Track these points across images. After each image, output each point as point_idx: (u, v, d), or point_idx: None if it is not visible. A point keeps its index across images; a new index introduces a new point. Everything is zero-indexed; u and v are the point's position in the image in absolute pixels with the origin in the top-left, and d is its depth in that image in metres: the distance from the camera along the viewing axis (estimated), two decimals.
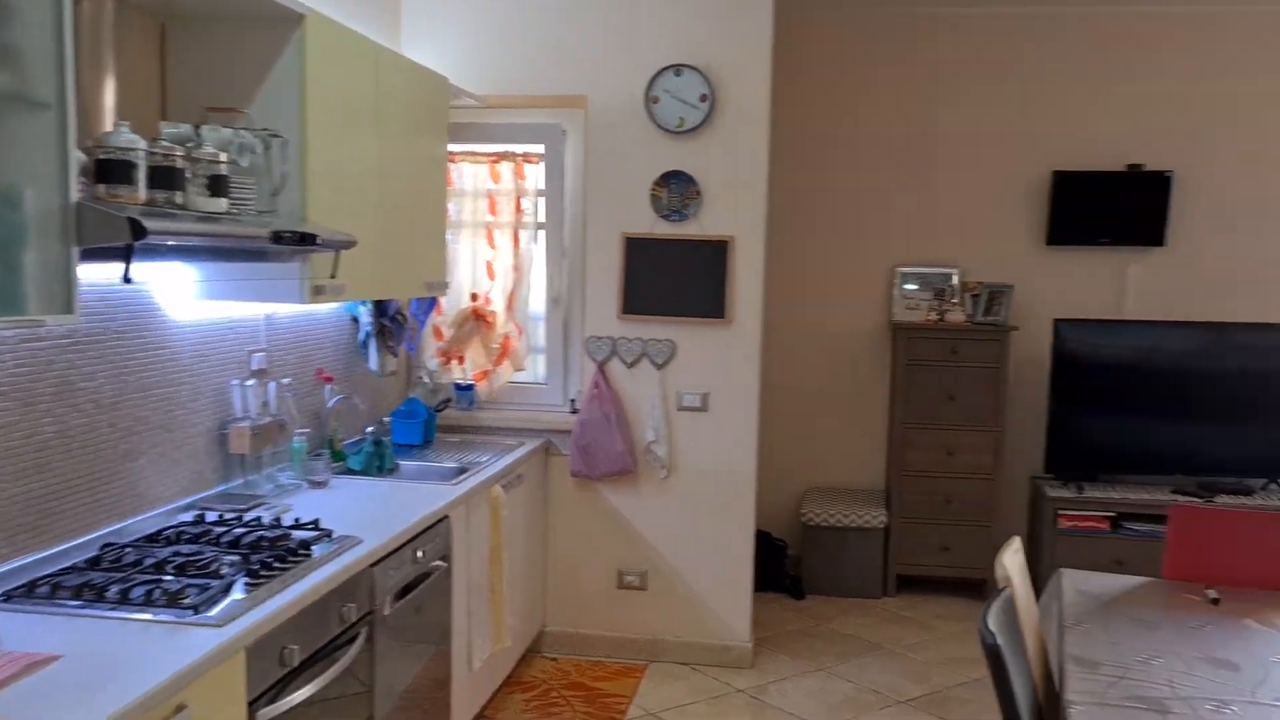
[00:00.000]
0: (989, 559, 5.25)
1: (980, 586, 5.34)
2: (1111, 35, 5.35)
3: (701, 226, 4.27)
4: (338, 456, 3.65)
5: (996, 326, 5.24)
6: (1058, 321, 5.20)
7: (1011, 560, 2.54)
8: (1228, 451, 5.21)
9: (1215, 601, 2.86)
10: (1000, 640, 2.03)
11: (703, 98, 4.20)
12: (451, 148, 4.24)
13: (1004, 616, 2.22)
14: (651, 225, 4.30)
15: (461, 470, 3.68)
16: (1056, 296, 5.48)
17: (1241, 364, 5.16)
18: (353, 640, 2.59)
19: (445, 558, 3.24)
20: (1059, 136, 5.43)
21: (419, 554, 3.02)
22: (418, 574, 3.02)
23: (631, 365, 4.37)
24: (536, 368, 4.56)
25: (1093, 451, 5.27)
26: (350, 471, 3.60)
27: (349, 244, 2.88)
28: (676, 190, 4.27)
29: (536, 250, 4.46)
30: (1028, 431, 5.48)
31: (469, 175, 4.42)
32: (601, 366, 4.37)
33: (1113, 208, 5.38)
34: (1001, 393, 5.21)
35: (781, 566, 5.44)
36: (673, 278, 4.30)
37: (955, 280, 5.49)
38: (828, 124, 5.60)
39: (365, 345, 3.99)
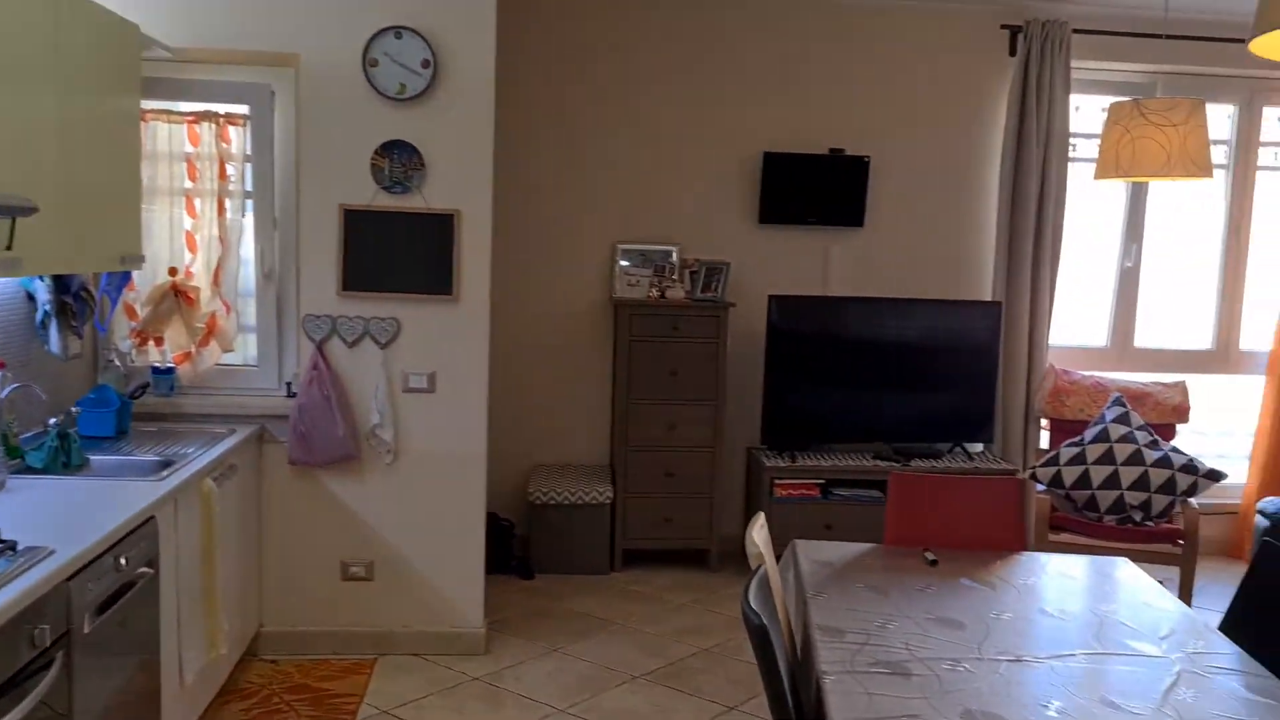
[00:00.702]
0: (710, 530, 5.43)
1: (703, 556, 5.49)
2: (816, 26, 5.60)
3: (426, 199, 4.08)
4: (13, 453, 3.19)
5: (715, 303, 5.38)
6: (771, 297, 5.41)
7: (760, 536, 2.58)
8: (919, 418, 5.63)
9: (934, 563, 3.05)
10: (765, 619, 2.04)
11: (425, 63, 4.00)
12: (143, 105, 3.80)
13: (761, 594, 2.24)
14: (373, 197, 4.06)
15: (165, 464, 3.33)
16: (770, 273, 5.70)
17: (927, 337, 5.58)
18: (48, 666, 2.25)
19: (152, 563, 2.91)
20: (770, 120, 5.63)
21: (122, 561, 2.68)
22: (121, 584, 2.69)
23: (353, 345, 4.12)
24: (247, 348, 4.21)
25: (804, 422, 5.54)
26: (31, 470, 3.16)
27: (25, 209, 2.49)
28: (399, 161, 4.05)
29: (246, 221, 4.10)
30: (746, 404, 5.68)
31: (164, 136, 3.99)
32: (320, 347, 4.09)
33: (818, 189, 5.65)
34: (721, 367, 5.35)
35: (509, 547, 5.36)
36: (396, 253, 4.08)
37: (674, 257, 5.58)
38: (552, 98, 5.52)
39: (44, 326, 3.51)
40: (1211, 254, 6.07)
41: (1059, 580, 2.95)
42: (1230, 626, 2.67)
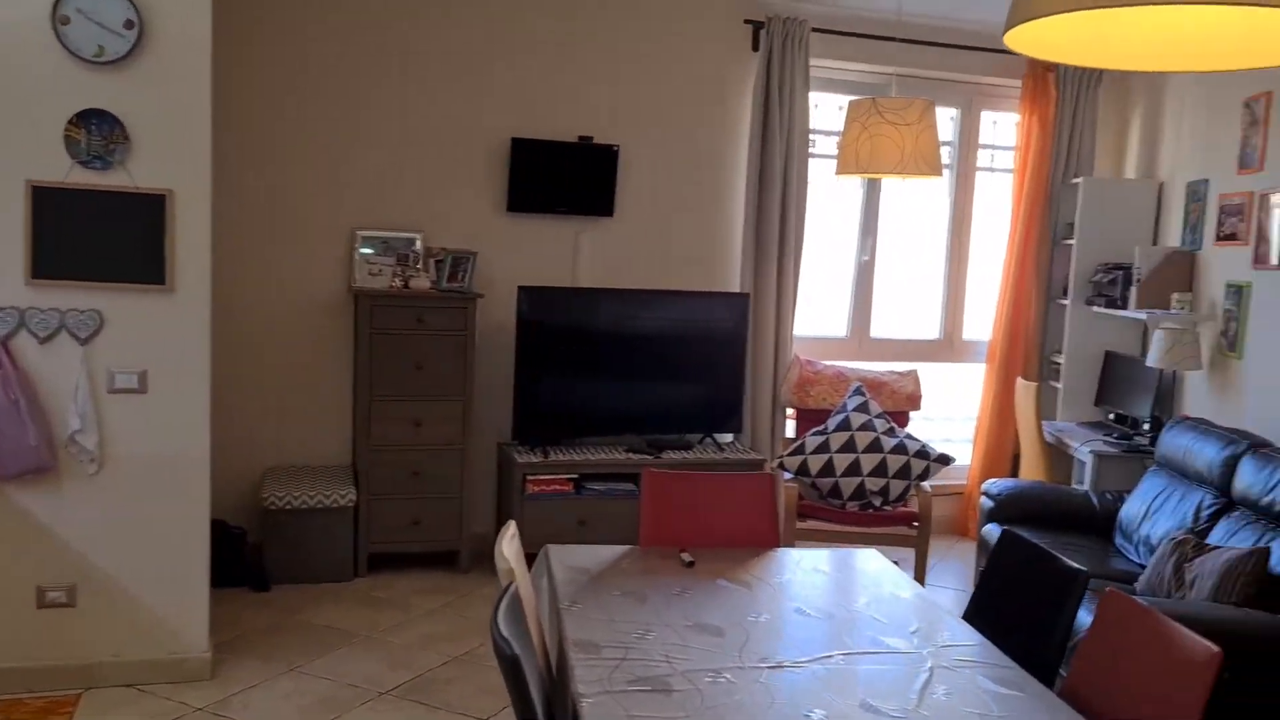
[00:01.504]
0: (461, 530, 5.20)
1: (453, 558, 5.25)
2: (565, 10, 5.45)
3: (132, 177, 3.63)
4: None
5: (462, 294, 5.14)
6: (521, 288, 5.23)
7: (510, 549, 2.40)
8: (670, 410, 5.62)
9: (690, 564, 2.97)
10: (517, 647, 1.86)
11: (128, 24, 3.56)
12: None
13: (513, 615, 2.06)
14: (67, 173, 3.57)
15: None
16: (519, 263, 5.52)
17: (678, 328, 5.57)
18: None
19: None
20: (519, 105, 5.44)
21: None
22: None
23: (46, 341, 3.62)
24: None
25: (557, 416, 5.40)
26: None
27: None
28: (98, 133, 3.59)
29: None
30: (496, 399, 5.48)
31: None
32: (5, 343, 3.57)
33: (567, 178, 5.52)
34: (469, 361, 5.13)
35: (241, 557, 4.92)
36: (98, 236, 3.62)
37: (419, 246, 5.30)
38: (284, 69, 5.11)
39: None
40: (938, 249, 6.39)
41: (812, 576, 2.94)
42: (973, 614, 2.73)
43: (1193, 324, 5.27)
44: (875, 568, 3.04)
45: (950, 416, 6.85)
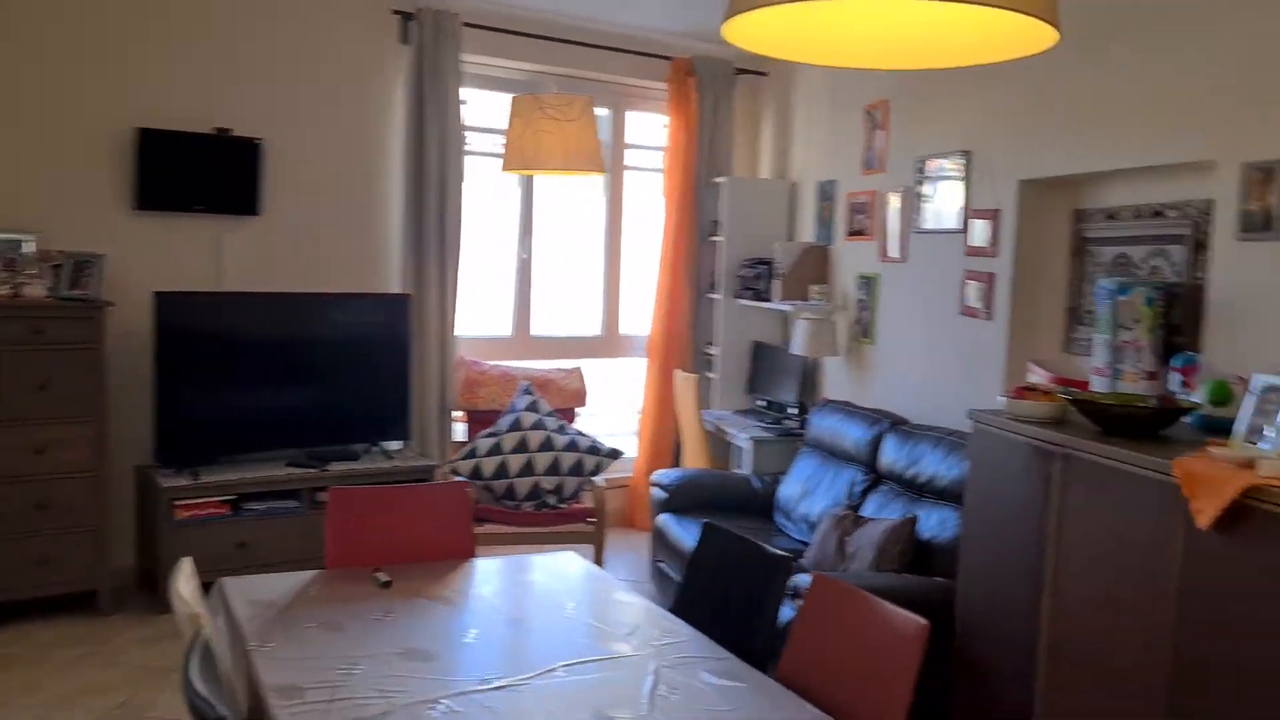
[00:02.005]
0: (99, 567, 4.60)
1: (92, 599, 4.65)
2: None
3: None
4: None
5: (87, 302, 4.56)
6: (158, 295, 4.72)
7: (188, 589, 2.11)
8: (333, 420, 5.30)
9: (386, 585, 2.77)
10: (221, 706, 1.62)
11: None
12: None
13: (208, 668, 1.80)
14: None
15: None
16: (156, 267, 4.98)
17: (336, 333, 5.27)
18: None
19: None
20: (144, 91, 4.91)
21: None
22: None
23: None
24: None
25: (207, 433, 4.93)
26: None
27: None
28: None
29: None
30: (136, 418, 4.91)
31: None
32: None
33: (205, 173, 5.05)
34: (100, 377, 4.55)
35: None
36: None
37: (30, 248, 4.64)
38: None
39: None
40: (595, 247, 6.49)
41: (516, 584, 2.84)
42: (681, 608, 2.75)
43: (829, 314, 5.69)
44: (577, 570, 2.99)
45: (613, 411, 6.99)
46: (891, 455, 4.43)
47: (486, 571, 2.93)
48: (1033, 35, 1.57)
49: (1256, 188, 3.13)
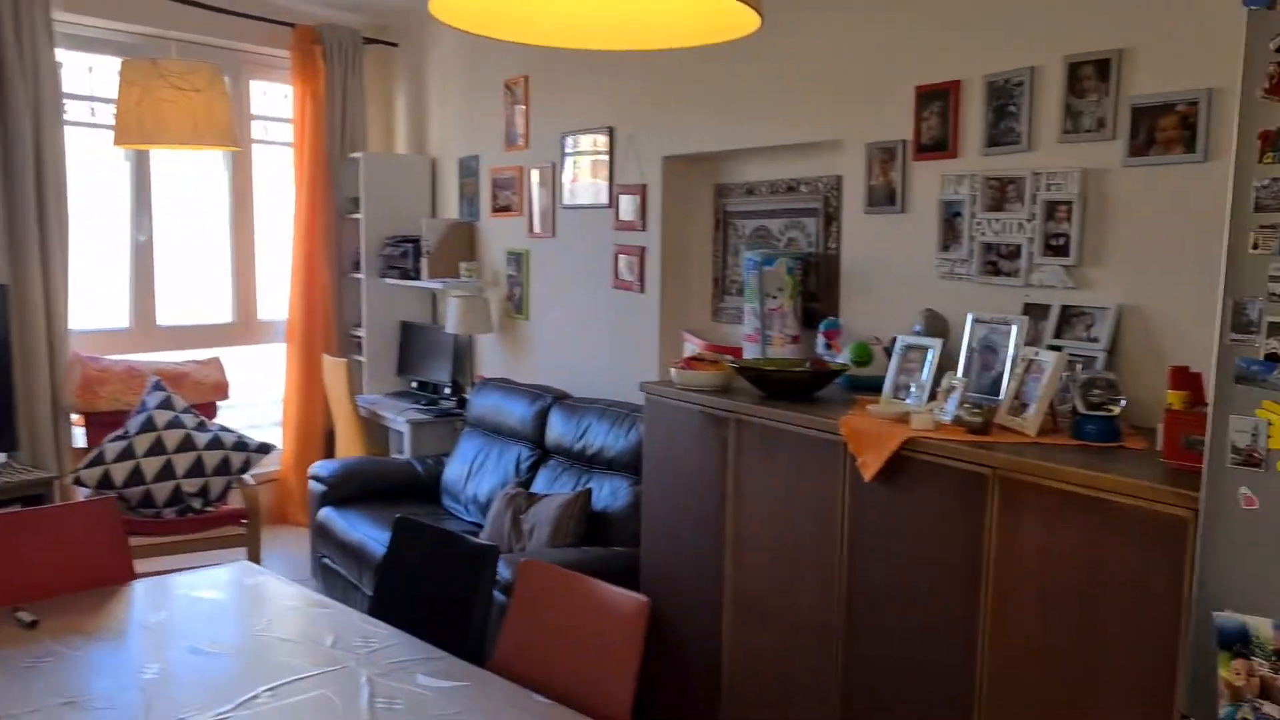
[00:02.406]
0: None
1: None
2: None
3: None
4: None
5: None
6: None
7: None
8: None
9: (33, 625, 2.42)
10: None
11: None
12: None
13: None
14: None
15: None
16: None
17: None
18: None
19: None
20: None
21: None
22: None
23: None
24: None
25: None
26: None
27: None
28: None
29: None
30: None
31: None
32: None
33: None
34: None
35: None
36: None
37: None
38: None
39: None
40: (222, 227, 6.02)
41: (190, 606, 2.58)
42: (380, 609, 2.63)
43: (480, 290, 5.66)
44: (253, 581, 2.77)
45: (254, 401, 6.57)
46: (559, 430, 4.49)
47: (151, 595, 2.64)
48: (738, 20, 1.62)
49: (879, 165, 3.46)
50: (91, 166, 5.46)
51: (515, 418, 4.76)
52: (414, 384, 6.04)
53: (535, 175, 5.28)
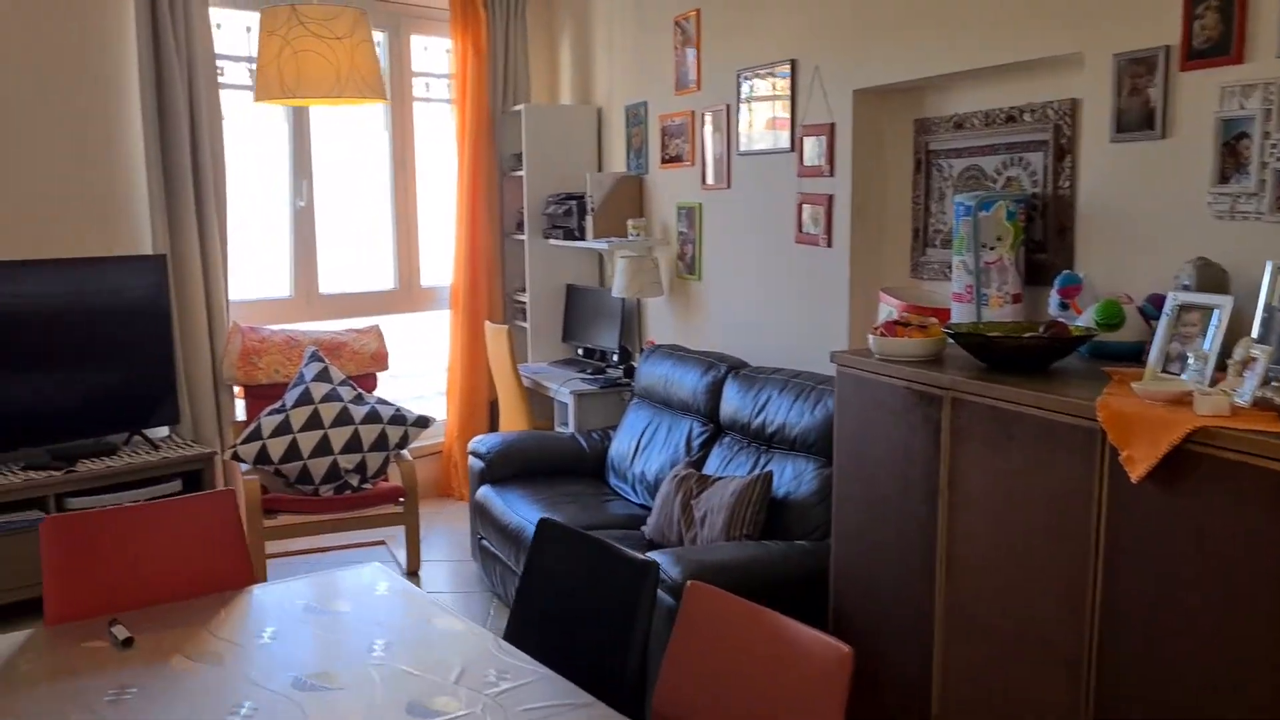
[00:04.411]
0: None
1: None
2: None
3: None
4: None
5: None
6: None
7: None
8: (81, 409, 4.46)
9: (127, 642, 2.11)
10: None
11: None
12: None
13: None
14: None
15: None
16: None
17: (76, 306, 4.41)
18: None
19: None
20: None
21: None
22: None
23: None
24: None
25: None
26: None
27: None
28: None
29: None
30: None
31: None
32: None
33: None
34: None
35: None
36: None
37: None
38: None
39: None
40: (383, 190, 5.76)
41: (303, 622, 2.22)
42: (519, 633, 2.21)
43: (649, 250, 5.20)
44: (384, 589, 2.40)
45: (418, 371, 6.34)
46: (734, 403, 3.99)
47: (269, 606, 2.30)
48: None
49: (1131, 81, 2.79)
50: (251, 131, 5.27)
51: (686, 389, 4.29)
52: (579, 351, 5.65)
53: (708, 120, 4.76)
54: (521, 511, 4.11)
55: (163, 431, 4.80)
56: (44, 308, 4.32)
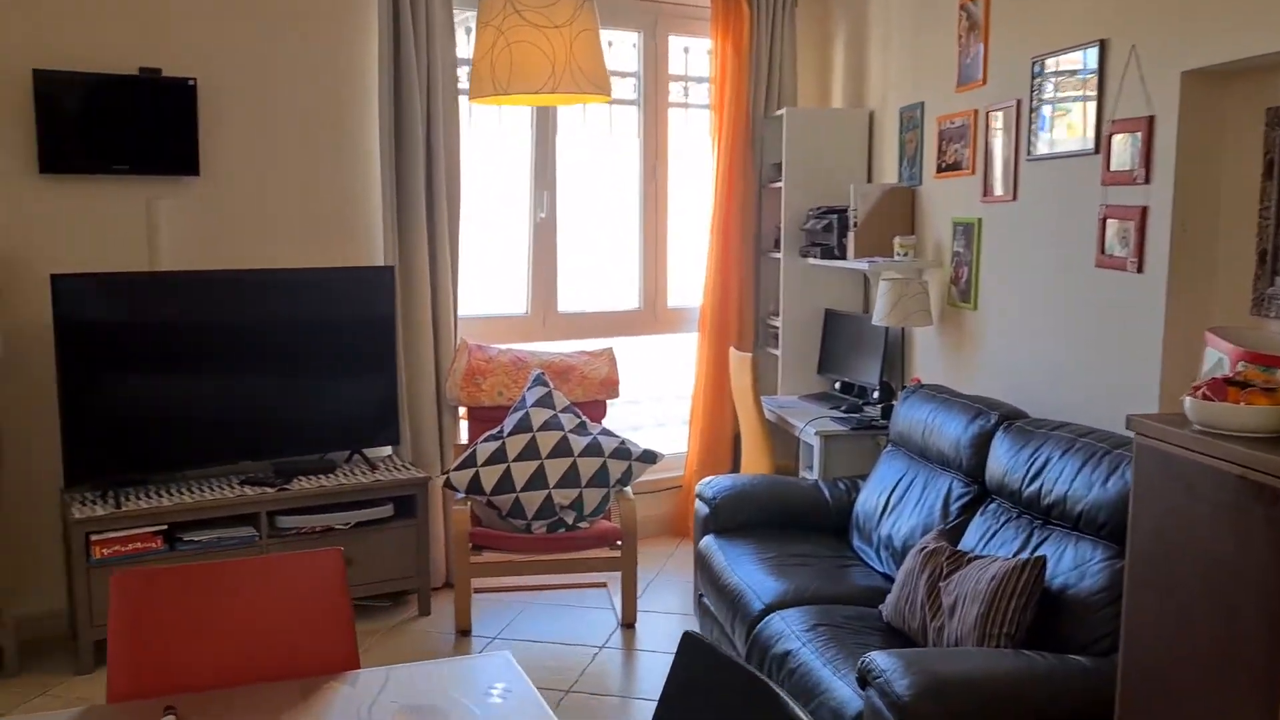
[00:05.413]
0: None
1: None
2: None
3: None
4: None
5: None
6: (55, 279, 3.77)
7: None
8: (304, 424, 4.31)
9: None
10: None
11: None
12: None
13: None
14: None
15: None
16: (65, 243, 4.03)
17: (300, 318, 4.26)
18: None
19: None
20: (41, 21, 3.93)
21: None
22: None
23: None
24: None
25: (135, 447, 3.98)
26: None
27: None
28: None
29: None
30: (43, 432, 4.00)
31: None
32: None
33: (130, 124, 4.06)
34: None
35: None
36: None
37: None
38: None
39: None
40: (630, 201, 5.36)
41: None
42: None
43: (918, 272, 4.49)
44: (496, 697, 1.90)
45: (662, 397, 5.91)
46: (1004, 462, 3.22)
47: (363, 699, 1.86)
48: None
49: None
50: (494, 138, 5.02)
51: (947, 439, 3.55)
52: (836, 385, 4.99)
53: (998, 119, 4.00)
54: (742, 572, 3.54)
55: (385, 451, 4.60)
56: (272, 319, 4.20)
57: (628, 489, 4.32)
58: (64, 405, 3.81)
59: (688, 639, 1.64)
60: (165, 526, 3.89)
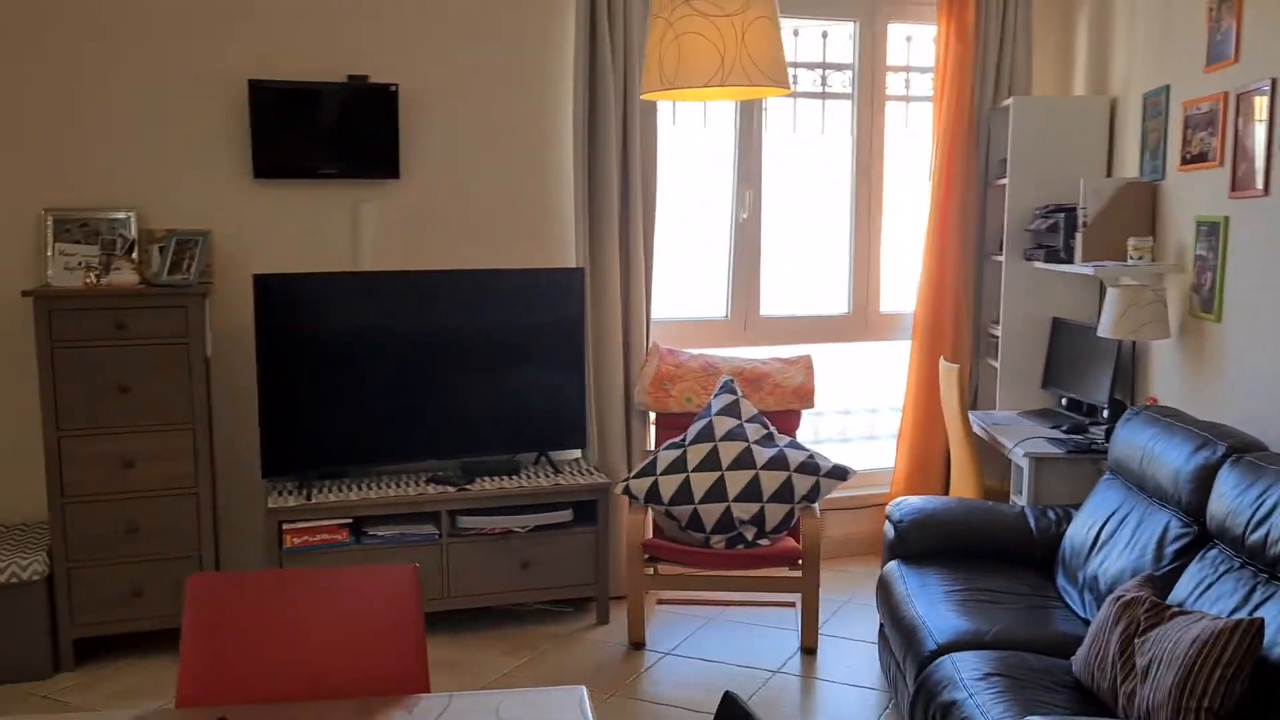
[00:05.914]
0: None
1: None
2: None
3: None
4: None
5: (175, 289, 3.86)
6: (257, 278, 3.95)
7: None
8: (491, 425, 4.33)
9: None
10: None
11: None
12: None
13: None
14: None
15: None
16: (274, 246, 4.24)
17: (492, 318, 4.28)
18: None
19: None
20: (258, 35, 4.15)
21: None
22: None
23: None
24: None
25: (327, 442, 4.12)
26: None
27: None
28: None
29: None
30: (248, 426, 4.22)
31: None
32: None
33: (337, 131, 4.22)
34: (195, 377, 3.86)
35: None
36: None
37: (132, 227, 4.03)
38: None
39: None
40: (841, 199, 5.07)
41: None
42: None
43: (1156, 278, 3.97)
44: None
45: (876, 408, 5.57)
46: (1228, 501, 2.75)
47: None
48: None
49: None
50: (697, 134, 4.88)
51: (1166, 470, 3.08)
52: (1063, 402, 4.51)
53: (1256, 104, 3.46)
54: (921, 605, 3.22)
55: (574, 454, 4.57)
56: (464, 319, 4.23)
57: (815, 506, 4.06)
58: (262, 399, 4.00)
59: (727, 700, 1.43)
60: (351, 520, 4.01)
